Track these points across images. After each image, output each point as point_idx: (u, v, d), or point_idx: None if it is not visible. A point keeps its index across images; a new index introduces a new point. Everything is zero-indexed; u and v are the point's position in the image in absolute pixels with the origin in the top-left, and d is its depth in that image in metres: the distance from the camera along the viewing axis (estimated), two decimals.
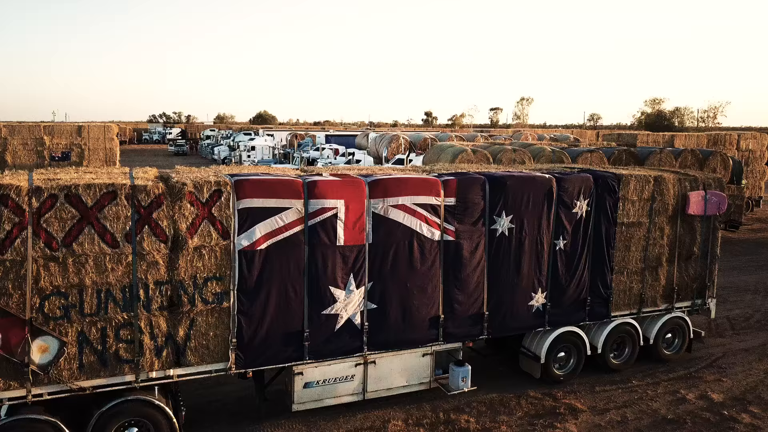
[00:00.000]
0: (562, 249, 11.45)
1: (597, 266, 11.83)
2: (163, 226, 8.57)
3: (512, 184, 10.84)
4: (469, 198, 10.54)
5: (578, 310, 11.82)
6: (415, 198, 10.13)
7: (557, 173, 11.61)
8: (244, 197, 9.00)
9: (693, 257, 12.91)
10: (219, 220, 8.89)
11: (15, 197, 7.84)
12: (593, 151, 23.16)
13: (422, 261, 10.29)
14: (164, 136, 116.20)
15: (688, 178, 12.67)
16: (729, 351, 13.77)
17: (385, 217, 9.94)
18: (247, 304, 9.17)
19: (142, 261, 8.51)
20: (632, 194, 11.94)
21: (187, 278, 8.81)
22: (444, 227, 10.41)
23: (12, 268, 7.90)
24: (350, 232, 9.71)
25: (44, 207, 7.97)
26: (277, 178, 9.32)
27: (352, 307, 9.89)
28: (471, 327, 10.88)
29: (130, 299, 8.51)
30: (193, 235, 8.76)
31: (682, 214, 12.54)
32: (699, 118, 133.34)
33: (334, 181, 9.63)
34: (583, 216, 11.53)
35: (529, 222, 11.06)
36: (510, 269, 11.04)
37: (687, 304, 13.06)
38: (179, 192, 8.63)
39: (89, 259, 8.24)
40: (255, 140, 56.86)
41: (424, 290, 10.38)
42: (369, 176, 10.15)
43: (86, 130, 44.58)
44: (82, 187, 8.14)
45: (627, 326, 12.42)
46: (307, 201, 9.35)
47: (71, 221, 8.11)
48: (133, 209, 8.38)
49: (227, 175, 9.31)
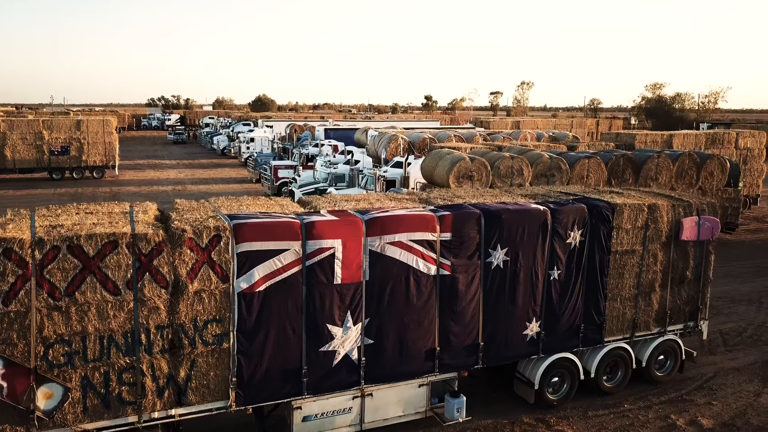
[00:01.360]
0: (556, 279, 11.63)
1: (591, 294, 12.03)
2: (164, 273, 8.74)
3: (507, 217, 10.99)
4: (465, 233, 10.69)
5: (572, 337, 12.03)
6: (411, 234, 10.28)
7: (552, 203, 11.75)
8: (243, 241, 9.16)
9: (686, 281, 13.10)
10: (218, 264, 9.06)
11: (18, 250, 8.00)
12: (591, 157, 23.23)
13: (418, 296, 10.48)
14: (163, 122, 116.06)
15: (682, 203, 12.80)
16: (720, 370, 14.01)
17: (381, 254, 10.11)
18: (246, 344, 9.37)
19: (143, 307, 8.70)
20: (626, 223, 12.09)
21: (187, 321, 9.01)
22: (440, 262, 10.58)
23: (16, 318, 8.09)
24: (347, 271, 9.89)
25: (47, 258, 8.13)
26: (275, 220, 9.46)
27: (350, 343, 10.09)
28: (466, 357, 11.10)
29: (132, 344, 8.72)
30: (193, 280, 8.94)
31: (675, 239, 12.70)
32: (700, 103, 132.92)
33: (332, 221, 9.78)
34: (577, 246, 11.70)
35: (523, 254, 11.23)
36: (505, 300, 11.24)
37: (679, 326, 13.27)
38: (179, 239, 8.79)
39: (92, 307, 8.43)
40: (254, 132, 56.86)
41: (420, 324, 10.58)
42: (366, 213, 10.30)
43: (85, 124, 44.68)
44: (84, 238, 8.29)
45: (620, 350, 12.65)
46: (304, 242, 9.51)
47: (73, 271, 8.28)
48: (134, 257, 8.54)
49: (226, 217, 9.45)
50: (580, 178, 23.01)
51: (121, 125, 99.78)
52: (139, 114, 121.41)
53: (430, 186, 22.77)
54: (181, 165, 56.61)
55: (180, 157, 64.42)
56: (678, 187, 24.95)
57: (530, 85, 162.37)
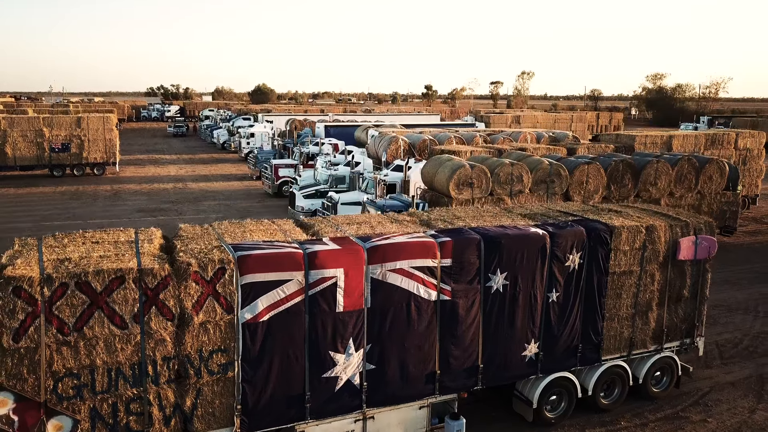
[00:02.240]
0: (554, 301, 11.81)
1: (589, 315, 12.22)
2: (170, 306, 8.92)
3: (507, 242, 11.15)
4: (465, 258, 10.86)
5: (570, 356, 12.24)
6: (412, 261, 10.45)
7: (551, 226, 11.89)
8: (247, 272, 9.33)
9: (683, 299, 13.29)
10: (223, 296, 9.23)
11: (28, 288, 8.17)
12: (590, 163, 23.34)
13: (419, 321, 10.67)
14: (163, 113, 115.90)
15: (680, 223, 12.96)
16: (716, 385, 14.24)
17: (383, 281, 10.28)
18: (250, 372, 9.57)
19: (150, 339, 8.88)
20: (624, 245, 12.25)
21: (193, 352, 9.20)
22: (440, 287, 10.76)
23: (26, 354, 8.28)
24: (349, 299, 10.07)
25: (56, 295, 8.31)
26: (278, 251, 9.62)
27: (352, 369, 10.29)
28: (466, 379, 11.31)
29: (139, 375, 8.92)
30: (199, 312, 9.12)
31: (672, 259, 12.87)
32: (701, 94, 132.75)
33: (334, 251, 9.94)
34: (576, 268, 11.87)
35: (523, 277, 11.41)
36: (504, 323, 11.42)
37: (676, 344, 13.47)
38: (185, 272, 8.95)
39: (99, 341, 8.62)
40: (254, 127, 56.89)
41: (421, 348, 10.78)
42: (368, 240, 10.45)
43: (85, 121, 44.67)
44: (92, 274, 8.45)
45: (617, 368, 12.86)
46: (307, 272, 9.68)
47: (82, 307, 8.46)
48: (141, 292, 8.72)
49: (230, 247, 9.61)
50: (579, 184, 23.15)
51: (120, 117, 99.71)
52: (138, 105, 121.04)
53: (431, 191, 22.94)
54: (181, 160, 56.67)
55: (180, 152, 64.44)
56: (677, 192, 25.11)
57: (530, 75, 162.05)
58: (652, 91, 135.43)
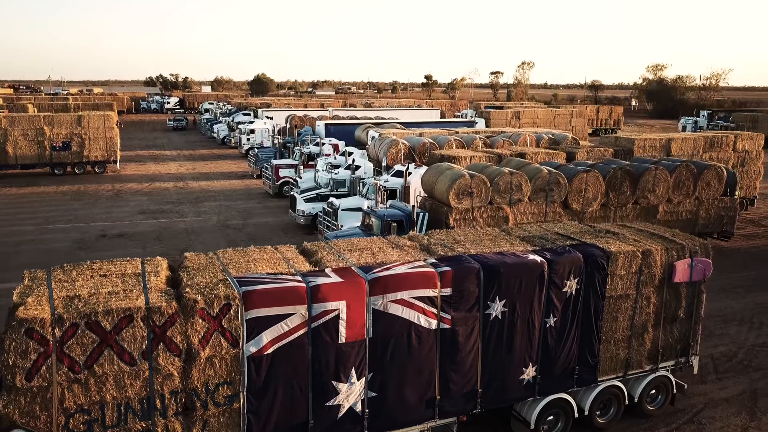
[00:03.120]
0: (552, 326, 12.07)
1: (585, 338, 12.47)
2: (177, 342, 9.16)
3: (506, 270, 11.38)
4: (465, 287, 11.09)
5: (567, 378, 12.51)
6: (413, 292, 10.69)
7: (549, 252, 12.11)
8: (252, 307, 9.56)
9: (678, 320, 13.55)
10: (229, 331, 9.47)
11: (40, 329, 8.41)
12: (589, 171, 23.53)
13: (420, 349, 10.92)
14: (162, 105, 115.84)
15: (675, 246, 13.17)
16: (710, 402, 14.52)
17: (384, 312, 10.52)
18: (255, 403, 9.83)
19: (158, 374, 9.13)
20: (620, 269, 12.49)
21: (200, 385, 9.46)
22: (441, 316, 11.00)
23: (39, 393, 8.53)
24: (351, 330, 10.31)
25: (66, 335, 8.55)
26: (282, 286, 9.84)
27: (354, 397, 10.56)
28: (465, 403, 11.58)
29: (148, 409, 9.17)
30: (205, 347, 9.36)
31: (668, 282, 13.11)
32: (701, 85, 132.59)
33: (336, 284, 10.17)
34: (573, 294, 12.11)
35: (521, 304, 11.65)
36: (502, 348, 11.68)
37: (671, 363, 13.75)
38: (191, 309, 9.19)
39: (109, 378, 8.87)
40: (254, 123, 56.98)
41: (421, 375, 11.04)
42: (369, 270, 10.68)
43: (86, 120, 44.80)
44: (101, 314, 8.69)
45: (613, 388, 13.13)
46: (310, 305, 9.92)
47: (92, 345, 8.70)
48: (149, 329, 8.95)
49: (235, 281, 9.84)
50: (578, 192, 23.35)
51: (120, 109, 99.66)
52: (138, 97, 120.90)
53: (431, 199, 23.14)
54: (181, 157, 56.80)
55: (180, 147, 64.57)
56: (675, 198, 25.33)
57: (531, 66, 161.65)
58: (653, 82, 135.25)
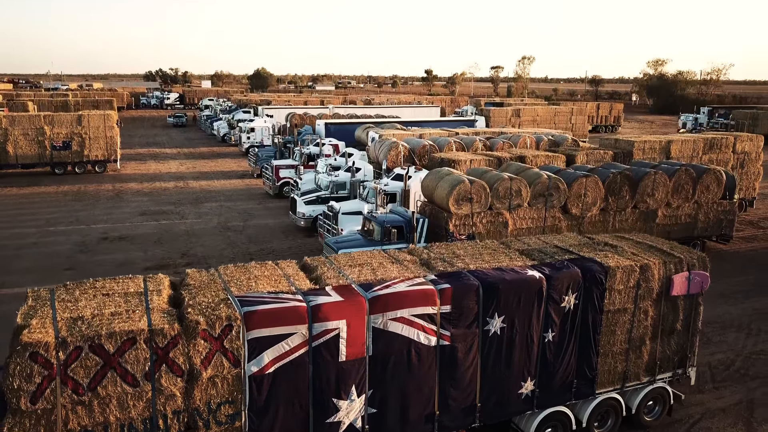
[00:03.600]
0: (550, 340, 12.18)
1: (583, 351, 12.59)
2: (180, 363, 9.27)
3: (504, 287, 11.48)
4: (464, 304, 11.19)
5: (565, 392, 12.63)
6: (413, 310, 10.79)
7: (548, 268, 12.20)
8: (254, 328, 9.67)
9: (675, 332, 13.66)
10: (230, 351, 9.58)
11: (44, 353, 8.51)
12: (589, 176, 23.61)
13: (419, 366, 11.03)
14: (162, 100, 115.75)
15: (673, 260, 13.26)
16: (707, 412, 14.65)
17: (384, 330, 10.63)
18: (257, 422, 9.95)
19: (160, 395, 9.25)
20: (618, 284, 12.59)
21: (202, 405, 9.57)
22: (440, 333, 11.11)
23: (43, 415, 8.65)
24: (352, 348, 10.42)
25: (70, 358, 8.65)
26: (283, 306, 9.94)
27: (354, 413, 10.68)
28: (464, 418, 11.71)
29: (151, 429, 9.29)
30: (207, 367, 9.47)
31: (666, 295, 13.21)
32: (702, 80, 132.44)
33: (337, 303, 10.27)
34: (571, 309, 12.22)
35: (519, 320, 11.76)
36: (501, 363, 11.79)
37: (668, 374, 13.87)
38: (193, 331, 9.29)
39: (113, 400, 8.98)
40: (254, 121, 57.00)
41: (420, 391, 11.16)
42: (369, 288, 10.78)
43: (86, 119, 44.83)
44: (105, 337, 8.79)
45: (611, 400, 13.26)
46: (311, 325, 10.02)
47: (95, 368, 8.81)
48: (152, 351, 9.06)
49: (237, 301, 9.94)
50: (577, 197, 23.43)
51: (120, 104, 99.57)
52: (137, 92, 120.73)
53: (431, 205, 23.23)
54: (181, 155, 56.83)
55: (181, 144, 64.59)
56: (674, 202, 25.40)
57: (531, 60, 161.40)
58: (653, 77, 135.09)
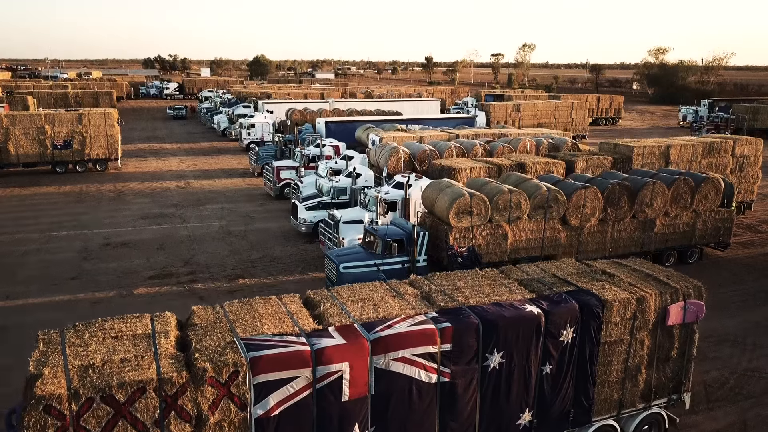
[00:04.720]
0: (548, 373, 12.47)
1: (580, 382, 12.89)
2: (188, 409, 9.55)
3: (504, 324, 11.75)
4: (464, 342, 11.47)
5: (562, 421, 12.95)
6: (414, 350, 11.07)
7: (546, 302, 12.44)
8: (260, 373, 9.95)
9: (671, 360, 13.96)
10: (237, 396, 9.87)
11: (57, 405, 8.80)
12: (587, 187, 23.81)
13: (420, 403, 11.33)
14: (161, 90, 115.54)
15: (669, 290, 13.51)
16: None
17: (386, 370, 10.91)
18: None
19: None
20: (615, 317, 12.85)
21: None
22: (441, 370, 11.39)
23: None
24: (354, 388, 10.71)
25: (83, 410, 8.94)
26: (287, 350, 10.21)
27: None
28: None
29: None
30: (215, 412, 9.77)
31: (662, 324, 13.49)
32: (702, 68, 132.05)
33: (340, 346, 10.54)
34: (569, 342, 12.49)
35: (518, 354, 12.04)
36: (500, 397, 12.09)
37: (663, 400, 14.19)
38: (201, 378, 9.57)
39: None
40: (255, 117, 57.03)
41: (421, 426, 11.47)
42: (372, 329, 11.04)
43: (87, 118, 44.94)
44: (115, 387, 9.07)
45: (607, 427, 13.58)
46: (315, 368, 10.30)
47: (107, 417, 9.09)
48: (161, 399, 9.34)
49: (243, 345, 10.20)
50: (576, 208, 23.66)
51: (119, 94, 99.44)
52: (137, 82, 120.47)
53: (431, 216, 23.46)
54: (182, 151, 56.93)
55: (181, 139, 64.65)
56: (672, 212, 25.62)
57: (532, 48, 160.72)
58: (654, 66, 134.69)
